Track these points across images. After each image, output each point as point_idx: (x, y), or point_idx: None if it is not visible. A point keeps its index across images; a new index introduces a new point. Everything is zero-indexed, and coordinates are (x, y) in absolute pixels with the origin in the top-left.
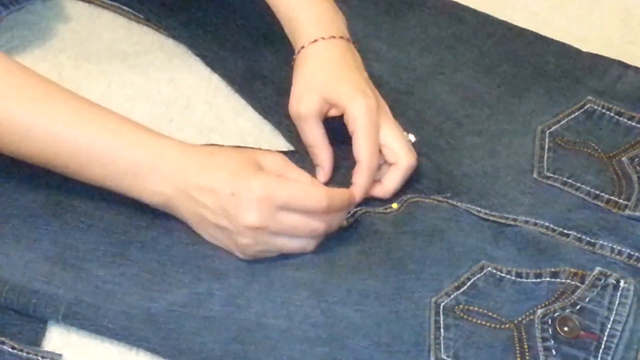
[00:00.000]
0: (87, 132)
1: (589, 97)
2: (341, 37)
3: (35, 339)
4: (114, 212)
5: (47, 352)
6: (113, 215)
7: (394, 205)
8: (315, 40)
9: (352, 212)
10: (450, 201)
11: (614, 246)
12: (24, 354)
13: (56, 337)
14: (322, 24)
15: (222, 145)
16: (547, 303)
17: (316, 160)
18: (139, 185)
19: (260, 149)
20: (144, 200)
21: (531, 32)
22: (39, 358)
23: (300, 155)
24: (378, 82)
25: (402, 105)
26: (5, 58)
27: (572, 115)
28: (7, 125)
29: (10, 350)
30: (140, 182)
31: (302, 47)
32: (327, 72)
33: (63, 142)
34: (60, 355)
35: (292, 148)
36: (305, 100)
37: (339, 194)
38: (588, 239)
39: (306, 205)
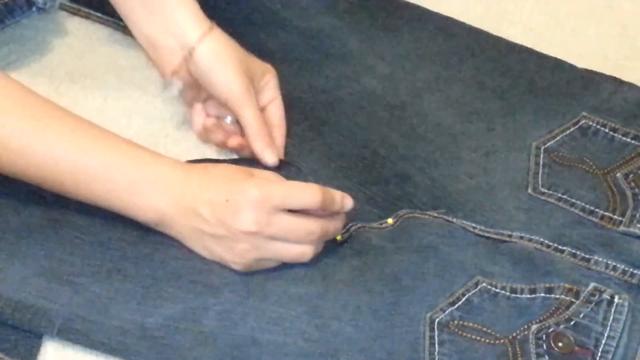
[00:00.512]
0: (84, 151)
1: (584, 113)
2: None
3: (31, 354)
4: (108, 228)
5: None
6: (108, 231)
7: (389, 221)
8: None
9: (347, 228)
10: (445, 217)
11: (609, 262)
12: None
13: (51, 352)
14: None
15: (217, 160)
16: (541, 319)
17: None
18: (136, 203)
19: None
20: (139, 219)
21: (526, 47)
22: None
23: (297, 169)
24: (372, 98)
25: (396, 119)
26: (3, 77)
27: (567, 131)
28: (4, 143)
29: None
30: (137, 199)
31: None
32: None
33: (60, 161)
34: None
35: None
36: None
37: (333, 192)
38: (583, 254)
39: (302, 201)
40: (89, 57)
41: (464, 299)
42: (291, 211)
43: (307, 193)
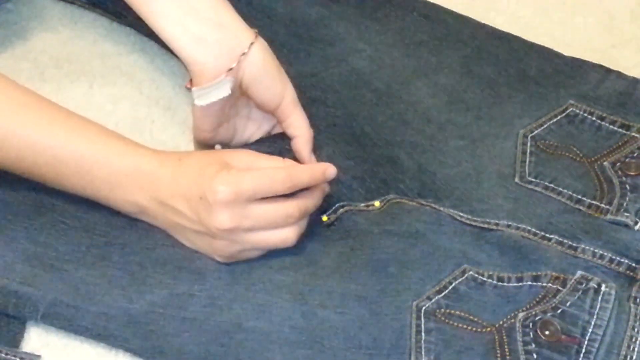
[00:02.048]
0: (63, 142)
1: (571, 101)
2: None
3: (14, 340)
4: (94, 212)
5: (26, 353)
6: (94, 216)
7: (376, 203)
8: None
9: (334, 208)
10: (432, 205)
11: (596, 250)
12: (2, 355)
13: (35, 339)
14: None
15: (192, 151)
16: (528, 307)
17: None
18: (115, 196)
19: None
20: (121, 210)
21: (514, 36)
22: (18, 359)
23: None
24: (361, 79)
25: (383, 105)
26: None
27: (554, 119)
28: None
29: None
30: (116, 192)
31: (244, 54)
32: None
33: (39, 151)
34: (39, 356)
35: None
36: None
37: (302, 169)
38: (570, 243)
39: (273, 189)
40: (74, 43)
41: (450, 287)
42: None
43: (277, 180)
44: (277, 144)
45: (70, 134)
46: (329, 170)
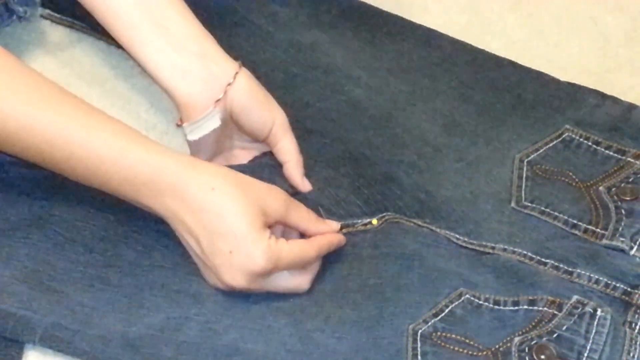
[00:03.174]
0: (82, 139)
1: (567, 126)
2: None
3: None
4: (92, 224)
5: None
6: (93, 230)
7: (374, 222)
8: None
9: None
10: (429, 227)
11: (592, 275)
12: None
13: None
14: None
15: (224, 168)
16: (524, 331)
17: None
18: (133, 197)
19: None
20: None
21: (509, 60)
22: None
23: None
24: (357, 107)
25: (380, 129)
26: (3, 53)
27: (550, 144)
28: (2, 124)
29: None
30: (134, 195)
31: (229, 84)
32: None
33: (58, 146)
34: None
35: None
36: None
37: (327, 241)
38: (565, 267)
39: (300, 265)
40: (72, 66)
41: (447, 311)
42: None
43: (308, 259)
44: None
45: (90, 131)
46: (342, 241)
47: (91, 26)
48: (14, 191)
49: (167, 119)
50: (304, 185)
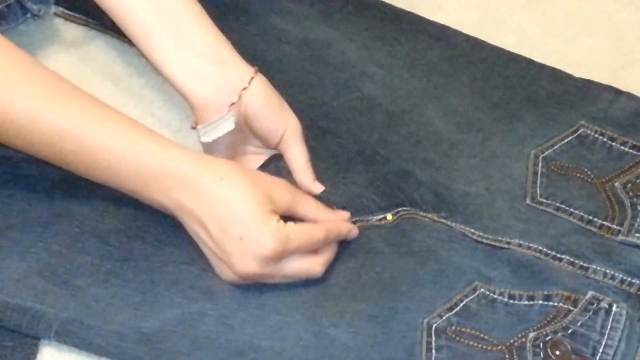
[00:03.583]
0: (92, 133)
1: (582, 122)
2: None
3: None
4: (109, 222)
5: None
6: (109, 225)
7: (389, 217)
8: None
9: None
10: (445, 221)
11: (607, 271)
12: None
13: (48, 358)
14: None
15: (232, 161)
16: (539, 326)
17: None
18: (142, 192)
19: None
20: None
21: (523, 57)
22: None
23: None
24: (372, 105)
25: (395, 126)
26: (14, 48)
27: (565, 140)
28: (13, 118)
29: None
30: (143, 190)
31: (245, 89)
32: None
33: (68, 140)
34: None
35: None
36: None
37: (336, 226)
38: (581, 263)
39: (311, 248)
40: (85, 65)
41: (461, 305)
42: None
43: (317, 241)
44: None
45: (100, 125)
46: (354, 231)
47: (105, 24)
48: (31, 189)
49: (180, 116)
50: (316, 188)
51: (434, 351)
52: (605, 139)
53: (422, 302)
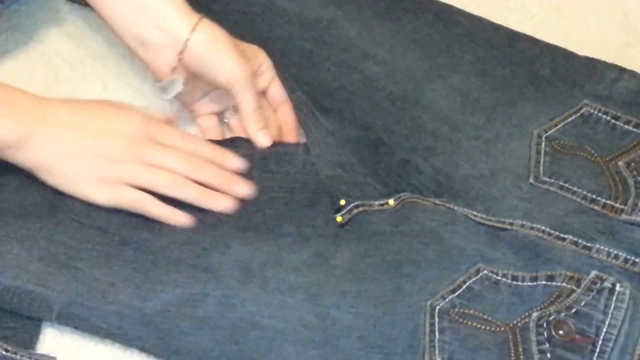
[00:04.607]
0: None
1: (586, 101)
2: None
3: (29, 342)
4: (108, 213)
5: (41, 354)
6: (107, 215)
7: (391, 202)
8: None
9: (348, 208)
10: (447, 205)
11: (610, 250)
12: (18, 357)
13: (50, 340)
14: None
15: None
16: (542, 306)
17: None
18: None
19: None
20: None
21: (527, 36)
22: None
23: (305, 148)
24: (374, 86)
25: (398, 110)
26: None
27: (569, 119)
28: None
29: (4, 353)
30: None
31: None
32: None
33: None
34: (54, 358)
35: None
36: None
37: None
38: (584, 242)
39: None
40: (87, 45)
41: (465, 287)
42: None
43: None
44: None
45: None
46: (235, 161)
47: None
48: (26, 178)
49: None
50: (262, 138)
51: (437, 333)
52: (608, 118)
53: (425, 284)
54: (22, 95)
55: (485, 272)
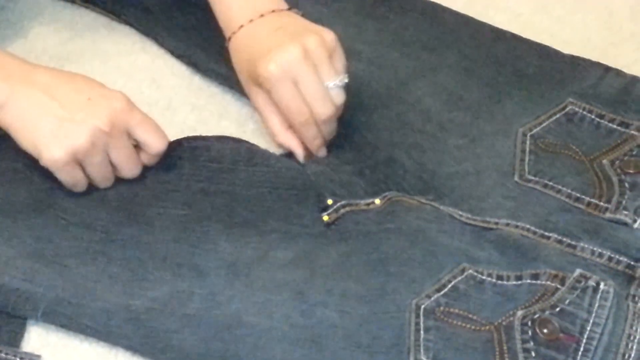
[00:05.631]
0: None
1: (570, 99)
2: (273, 11)
3: (14, 340)
4: (95, 210)
5: (26, 353)
6: (94, 212)
7: (377, 201)
8: (242, 26)
9: (334, 208)
10: (433, 204)
11: (595, 249)
12: (2, 355)
13: (35, 338)
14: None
15: None
16: (527, 305)
17: (287, 146)
18: None
19: None
20: None
21: (512, 34)
22: (18, 359)
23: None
24: (359, 84)
25: (382, 107)
26: None
27: (553, 117)
28: None
29: None
30: None
31: (234, 33)
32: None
33: None
34: (39, 356)
35: (276, 149)
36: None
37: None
38: (569, 241)
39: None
40: (74, 42)
41: (450, 286)
42: None
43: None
44: None
45: None
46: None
47: (92, 1)
48: (14, 178)
49: (168, 95)
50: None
51: (422, 332)
52: (593, 116)
53: (411, 282)
54: (10, 57)
55: (471, 271)
